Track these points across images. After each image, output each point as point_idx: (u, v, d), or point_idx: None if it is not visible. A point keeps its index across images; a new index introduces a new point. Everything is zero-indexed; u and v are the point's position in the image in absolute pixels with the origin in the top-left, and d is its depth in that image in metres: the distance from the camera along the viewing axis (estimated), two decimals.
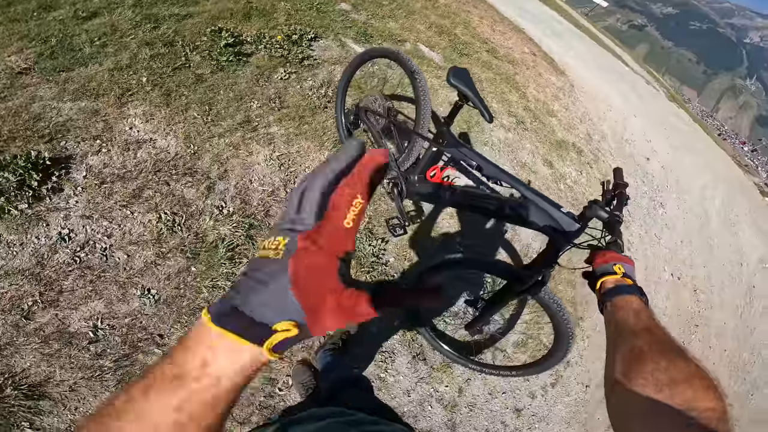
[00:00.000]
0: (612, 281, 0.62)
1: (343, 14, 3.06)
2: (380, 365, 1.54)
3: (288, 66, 2.22)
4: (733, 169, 9.16)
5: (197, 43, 2.11)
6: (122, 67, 1.79)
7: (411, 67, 1.46)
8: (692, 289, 3.51)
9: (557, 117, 3.98)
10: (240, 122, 1.84)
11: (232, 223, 1.53)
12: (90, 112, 1.57)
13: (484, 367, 1.59)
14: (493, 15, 5.65)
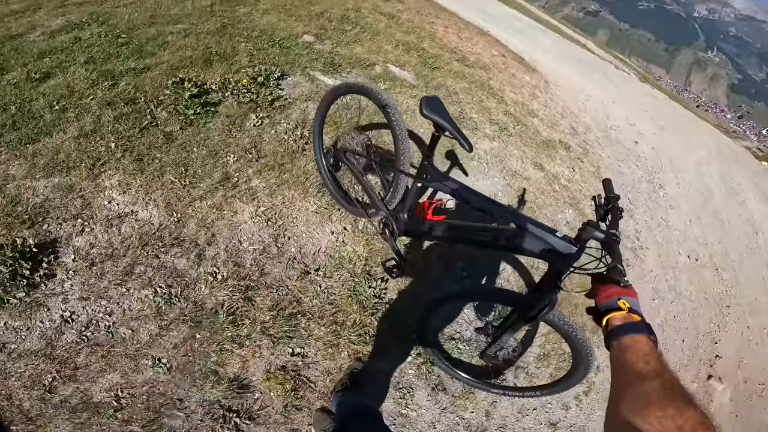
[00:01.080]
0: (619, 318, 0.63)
1: (307, 47, 3.15)
2: (400, 402, 1.56)
3: (259, 110, 2.25)
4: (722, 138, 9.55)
5: (161, 98, 2.13)
6: (87, 134, 1.80)
7: (382, 101, 1.46)
8: (713, 268, 3.56)
9: (538, 116, 4.11)
10: (219, 180, 1.84)
11: (228, 288, 1.55)
12: (65, 188, 1.59)
13: (507, 390, 1.60)
14: (457, 22, 5.92)
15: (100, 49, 2.41)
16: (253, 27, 3.20)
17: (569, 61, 8.32)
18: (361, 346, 1.63)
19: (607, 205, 1.04)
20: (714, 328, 2.93)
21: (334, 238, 1.87)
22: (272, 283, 1.64)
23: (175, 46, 2.65)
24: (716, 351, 2.77)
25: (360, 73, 3.06)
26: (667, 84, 17.81)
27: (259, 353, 1.48)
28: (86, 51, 2.35)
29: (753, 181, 6.99)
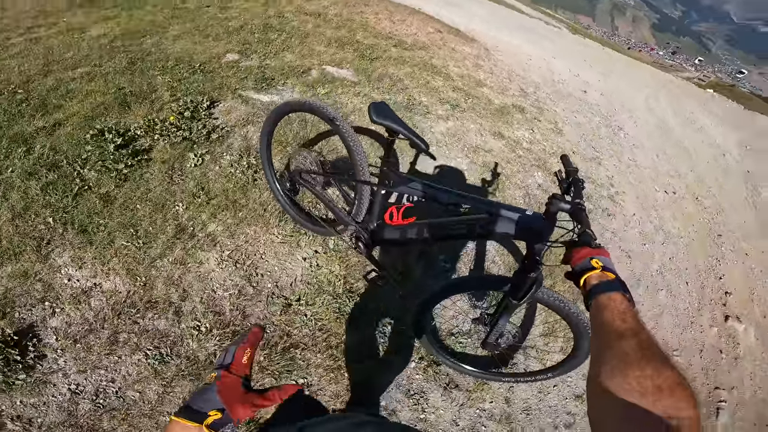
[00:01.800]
0: (595, 277, 0.66)
1: (233, 66, 3.02)
2: (415, 408, 1.57)
3: (196, 148, 2.13)
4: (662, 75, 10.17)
5: (84, 156, 1.99)
6: (20, 213, 1.73)
7: (328, 115, 1.44)
8: (693, 198, 3.76)
9: (487, 85, 4.19)
10: (174, 234, 1.76)
11: (215, 338, 1.55)
12: (20, 275, 1.57)
13: (519, 377, 1.62)
14: (387, 6, 5.91)
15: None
16: (167, 57, 3.03)
17: (504, 25, 8.57)
18: (362, 362, 1.61)
19: (568, 179, 1.09)
20: (713, 262, 3.04)
21: (307, 264, 1.80)
22: (257, 323, 1.59)
23: (81, 93, 2.47)
24: (724, 287, 2.84)
25: (296, 81, 2.98)
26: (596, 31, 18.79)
27: None
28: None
29: (704, 108, 7.48)
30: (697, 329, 2.38)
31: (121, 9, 3.99)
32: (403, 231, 1.41)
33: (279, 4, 4.72)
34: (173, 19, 3.85)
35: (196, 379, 1.48)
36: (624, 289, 0.61)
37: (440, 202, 1.25)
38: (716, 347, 2.33)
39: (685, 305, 2.50)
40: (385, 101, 3.06)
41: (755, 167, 5.24)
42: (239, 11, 4.31)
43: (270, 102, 2.68)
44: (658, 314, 2.33)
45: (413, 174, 2.47)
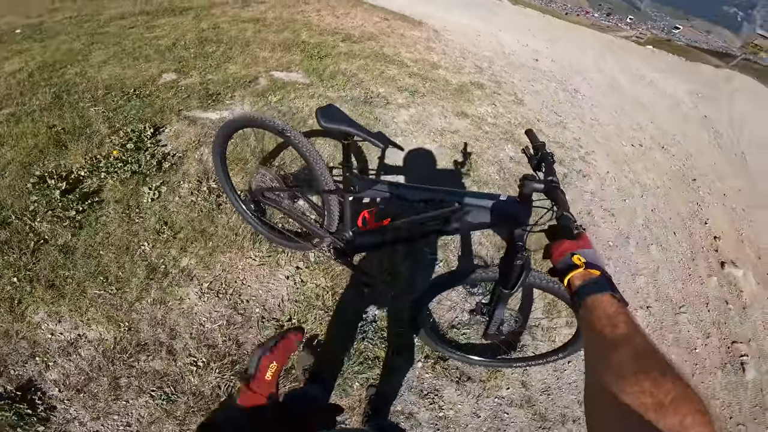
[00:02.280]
0: (578, 277, 0.61)
1: (172, 86, 2.86)
2: (432, 407, 1.56)
3: (149, 180, 1.99)
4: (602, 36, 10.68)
5: (31, 208, 1.86)
6: None
7: (276, 127, 1.38)
8: (659, 148, 3.94)
9: (442, 66, 4.21)
10: (146, 275, 1.68)
11: (215, 371, 1.51)
12: (2, 336, 1.54)
13: (529, 361, 1.63)
14: (328, 2, 5.82)
15: None
16: (95, 86, 2.82)
17: (447, 4, 8.67)
18: (368, 372, 1.57)
19: (537, 154, 1.08)
20: (695, 207, 3.16)
21: (291, 282, 1.73)
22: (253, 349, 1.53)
23: (11, 138, 2.26)
24: (711, 232, 2.96)
25: (244, 93, 2.86)
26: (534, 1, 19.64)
27: None
28: None
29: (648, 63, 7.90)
30: (696, 281, 2.46)
31: (33, 41, 3.68)
32: (378, 234, 1.39)
33: (212, 17, 4.52)
34: (94, 45, 3.60)
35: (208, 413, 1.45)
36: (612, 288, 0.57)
37: (411, 199, 1.23)
38: (721, 298, 2.41)
39: (678, 257, 2.58)
40: (342, 98, 3.01)
41: (710, 112, 5.58)
42: (168, 29, 4.10)
43: (220, 119, 2.55)
44: (655, 270, 2.40)
45: (383, 170, 2.43)
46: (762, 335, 2.35)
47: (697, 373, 1.95)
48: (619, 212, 2.72)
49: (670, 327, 2.12)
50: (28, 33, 3.91)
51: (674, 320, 2.16)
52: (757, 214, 3.43)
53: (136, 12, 4.60)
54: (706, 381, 1.93)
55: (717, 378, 1.96)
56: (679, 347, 2.04)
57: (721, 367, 2.03)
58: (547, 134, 3.33)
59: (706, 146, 4.51)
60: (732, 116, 5.95)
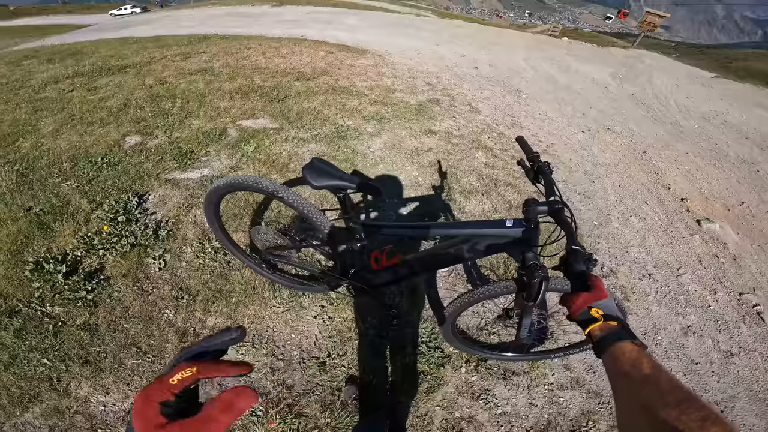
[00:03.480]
0: (598, 329, 0.66)
1: (140, 150, 2.90)
2: (487, 407, 1.67)
3: (150, 251, 2.04)
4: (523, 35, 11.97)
5: (36, 294, 1.84)
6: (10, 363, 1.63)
7: (266, 190, 1.35)
8: (605, 129, 4.55)
9: (397, 89, 4.60)
10: (178, 340, 1.73)
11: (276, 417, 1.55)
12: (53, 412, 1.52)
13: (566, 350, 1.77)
14: (270, 43, 6.09)
15: None
16: (58, 158, 2.79)
17: (384, 29, 9.32)
18: (417, 388, 1.70)
19: (533, 166, 1.14)
20: (654, 176, 3.63)
21: (320, 321, 1.86)
22: (303, 390, 1.63)
23: None
24: (677, 195, 3.38)
25: (218, 147, 2.97)
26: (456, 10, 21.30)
27: None
28: None
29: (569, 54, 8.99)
30: (681, 242, 2.82)
31: None
32: (393, 272, 1.42)
33: (155, 72, 4.58)
34: (38, 112, 3.53)
35: None
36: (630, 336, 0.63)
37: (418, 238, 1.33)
38: (710, 254, 2.75)
39: (657, 223, 2.96)
40: (315, 137, 3.22)
41: (635, 90, 6.49)
42: (112, 88, 4.10)
43: (202, 177, 2.64)
44: (642, 239, 2.77)
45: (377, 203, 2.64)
46: (764, 283, 2.58)
47: (722, 330, 2.20)
48: (592, 193, 3.15)
49: (678, 290, 2.41)
50: None
51: (678, 283, 2.46)
52: (710, 171, 4.06)
53: (70, 74, 4.53)
54: (735, 336, 2.17)
55: (743, 331, 2.20)
56: (694, 307, 2.31)
57: (742, 320, 2.28)
58: (509, 136, 3.76)
59: (643, 120, 5.25)
60: (654, 91, 6.96)
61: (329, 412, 1.59)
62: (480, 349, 1.78)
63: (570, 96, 5.77)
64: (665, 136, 4.86)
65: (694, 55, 23.33)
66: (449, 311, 1.53)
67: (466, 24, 12.17)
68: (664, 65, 10.26)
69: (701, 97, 7.07)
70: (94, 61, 5.10)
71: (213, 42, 6.02)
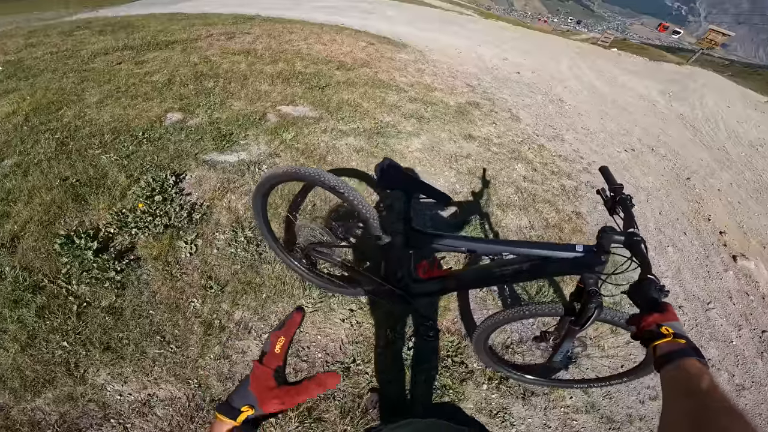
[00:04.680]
0: (666, 345, 0.67)
1: (181, 128, 2.87)
2: (504, 425, 1.64)
3: (183, 234, 2.00)
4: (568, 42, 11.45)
5: (63, 270, 1.81)
6: (29, 344, 1.59)
7: (327, 183, 1.29)
8: (650, 150, 4.26)
9: (437, 88, 4.42)
10: (204, 332, 1.68)
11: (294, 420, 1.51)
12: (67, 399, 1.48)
13: (591, 383, 1.72)
14: (312, 29, 5.98)
15: None
16: (100, 129, 2.79)
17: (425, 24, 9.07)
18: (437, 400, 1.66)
19: (615, 198, 1.09)
20: (696, 206, 3.42)
21: (348, 325, 1.78)
22: (325, 394, 1.60)
23: (23, 192, 2.20)
24: (716, 228, 3.19)
25: (257, 131, 2.91)
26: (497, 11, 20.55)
27: None
28: None
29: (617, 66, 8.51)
30: (715, 276, 2.68)
31: (18, 79, 3.59)
32: (440, 283, 1.39)
33: (200, 49, 4.56)
34: (85, 83, 3.56)
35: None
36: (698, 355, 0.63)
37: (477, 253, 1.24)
38: (741, 291, 2.62)
39: (694, 255, 2.80)
40: (355, 131, 3.11)
41: (685, 110, 6.06)
42: (158, 63, 4.09)
43: (239, 162, 2.58)
44: (677, 271, 2.61)
45: None
46: None
47: (740, 364, 2.14)
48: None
49: (704, 323, 2.31)
50: (10, 71, 3.80)
51: (706, 317, 2.36)
52: (751, 204, 3.76)
53: (119, 47, 4.56)
54: (750, 371, 2.11)
55: (758, 366, 2.15)
56: (717, 341, 2.22)
57: (759, 356, 2.21)
58: (549, 149, 3.55)
59: (689, 143, 4.90)
60: (705, 112, 6.50)
61: (349, 419, 1.53)
62: (505, 368, 1.71)
63: (614, 111, 5.44)
64: (711, 162, 4.53)
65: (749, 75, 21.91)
66: (487, 324, 1.45)
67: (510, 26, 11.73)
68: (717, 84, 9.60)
69: (752, 122, 6.58)
70: (144, 35, 5.12)
71: (257, 23, 5.96)
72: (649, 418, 1.75)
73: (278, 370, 0.51)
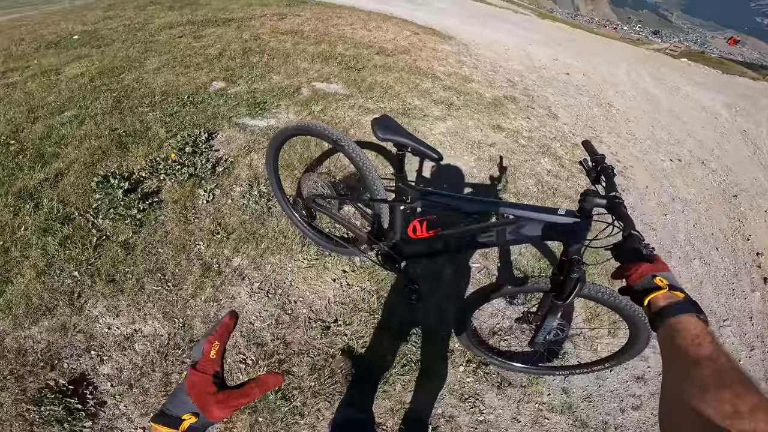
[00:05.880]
0: (662, 298, 0.62)
1: (222, 94, 3.05)
2: (472, 411, 1.58)
3: (204, 183, 2.14)
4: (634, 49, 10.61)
5: (94, 205, 2.00)
6: (44, 270, 1.76)
7: (331, 137, 1.42)
8: (699, 163, 3.88)
9: (475, 80, 4.30)
10: (201, 274, 1.78)
11: (262, 369, 1.56)
12: (59, 328, 1.59)
13: (572, 369, 1.63)
14: (359, 15, 6.05)
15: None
16: (152, 91, 3.05)
17: (476, 19, 8.83)
18: (410, 374, 1.61)
19: (596, 167, 1.07)
20: (737, 224, 3.10)
21: (338, 285, 1.81)
22: (300, 349, 1.61)
23: (75, 138, 2.46)
24: (754, 248, 2.89)
25: (289, 102, 3.02)
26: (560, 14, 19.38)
27: (322, 415, 1.48)
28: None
29: (683, 76, 7.75)
30: (740, 295, 2.43)
31: (91, 47, 3.99)
32: (428, 244, 1.40)
33: (253, 28, 4.78)
34: (148, 53, 3.87)
35: (254, 413, 1.47)
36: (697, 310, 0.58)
37: (464, 210, 1.25)
38: (764, 312, 2.37)
39: (721, 272, 2.55)
40: (381, 110, 3.13)
41: (749, 127, 5.41)
42: (214, 38, 4.36)
43: (267, 127, 2.70)
44: (698, 284, 2.39)
45: (424, 181, 2.51)
46: None
47: None
48: (660, 227, 2.70)
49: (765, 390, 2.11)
50: (86, 39, 4.24)
51: (719, 333, 2.15)
52: None
53: (183, 22, 4.91)
54: None
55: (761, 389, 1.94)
56: None
57: (765, 380, 2.00)
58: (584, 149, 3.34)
59: (746, 161, 4.39)
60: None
61: (316, 376, 1.55)
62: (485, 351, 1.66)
63: (668, 120, 4.97)
64: (765, 183, 4.01)
65: None
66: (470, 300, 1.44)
67: (566, 28, 11.08)
68: None
69: None
70: (206, 12, 5.47)
71: (309, 7, 6.13)
72: (626, 428, 1.61)
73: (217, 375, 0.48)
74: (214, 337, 0.50)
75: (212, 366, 0.48)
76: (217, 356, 0.49)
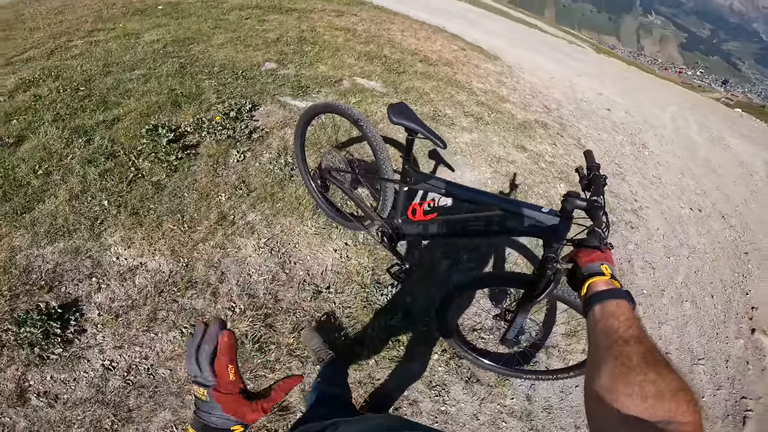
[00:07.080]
0: (602, 284, 0.65)
1: (271, 74, 3.29)
2: (437, 400, 1.63)
3: (239, 145, 2.35)
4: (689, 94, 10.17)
5: (139, 148, 2.23)
6: (78, 195, 1.92)
7: (353, 116, 1.56)
8: (719, 216, 3.76)
9: (510, 101, 4.35)
10: (216, 221, 1.94)
11: (248, 319, 1.66)
12: (72, 251, 1.71)
13: (540, 374, 1.66)
14: (412, 24, 6.23)
15: (63, 105, 2.49)
16: (213, 63, 3.33)
17: (526, 43, 8.81)
18: (386, 351, 1.70)
19: (589, 175, 1.10)
20: (740, 278, 3.03)
21: (337, 255, 1.95)
22: (288, 307, 1.73)
23: (138, 92, 2.75)
24: (750, 302, 2.84)
25: (329, 90, 3.21)
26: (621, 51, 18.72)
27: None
28: (50, 108, 2.44)
29: (731, 127, 7.41)
30: (722, 340, 2.39)
31: (171, 18, 4.39)
32: (424, 227, 1.48)
33: (311, 20, 5.06)
34: (217, 29, 4.21)
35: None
36: (630, 299, 0.60)
37: (459, 197, 1.33)
38: (742, 358, 2.34)
39: (710, 317, 2.52)
40: None
41: None
42: (275, 24, 4.66)
43: (305, 107, 2.91)
44: (683, 324, 2.37)
45: None
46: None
47: None
48: (660, 267, 2.67)
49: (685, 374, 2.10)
50: (168, 10, 4.65)
51: (690, 369, 2.15)
52: None
53: (252, 5, 5.27)
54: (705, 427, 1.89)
55: (716, 427, 1.93)
56: None
57: (723, 418, 1.97)
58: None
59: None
60: None
61: (297, 334, 1.66)
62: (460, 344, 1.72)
63: (701, 170, 4.80)
64: None
65: None
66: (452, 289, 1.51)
67: (621, 65, 10.80)
68: None
69: None
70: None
71: (365, 8, 6.37)
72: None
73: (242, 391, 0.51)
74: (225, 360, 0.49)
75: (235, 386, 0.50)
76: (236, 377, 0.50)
